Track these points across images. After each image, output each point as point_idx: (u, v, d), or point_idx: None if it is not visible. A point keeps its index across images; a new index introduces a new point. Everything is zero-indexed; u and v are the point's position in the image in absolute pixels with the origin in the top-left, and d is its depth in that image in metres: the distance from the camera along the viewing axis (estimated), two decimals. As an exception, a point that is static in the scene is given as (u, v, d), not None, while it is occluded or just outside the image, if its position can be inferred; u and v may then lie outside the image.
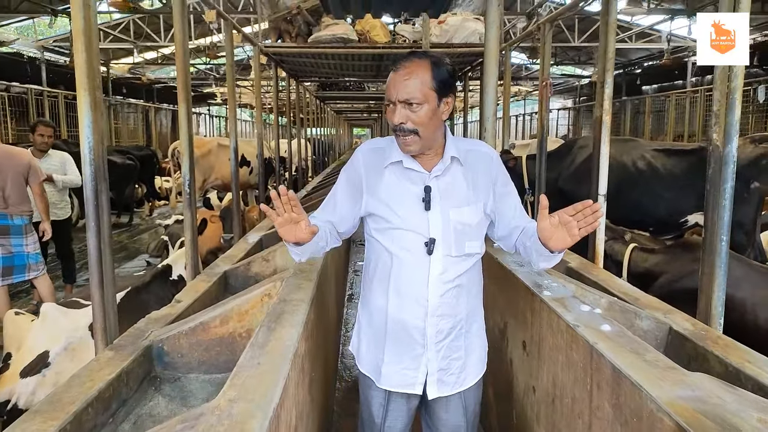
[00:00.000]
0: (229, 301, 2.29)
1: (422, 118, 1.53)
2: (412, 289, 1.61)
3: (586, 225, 1.43)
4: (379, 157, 1.66)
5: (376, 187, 1.64)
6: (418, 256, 1.59)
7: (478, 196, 1.65)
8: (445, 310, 1.62)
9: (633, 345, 1.50)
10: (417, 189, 1.61)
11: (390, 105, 1.56)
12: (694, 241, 4.02)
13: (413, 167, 1.62)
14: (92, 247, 2.20)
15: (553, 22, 4.45)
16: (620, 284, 2.67)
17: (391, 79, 1.55)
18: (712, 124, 2.34)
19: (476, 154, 1.69)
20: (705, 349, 1.91)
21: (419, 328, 1.62)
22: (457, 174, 1.64)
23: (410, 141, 1.55)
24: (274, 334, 1.58)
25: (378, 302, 1.68)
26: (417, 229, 1.59)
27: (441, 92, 1.55)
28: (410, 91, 1.51)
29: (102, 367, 1.87)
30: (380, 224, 1.64)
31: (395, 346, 1.66)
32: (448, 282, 1.61)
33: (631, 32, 14.84)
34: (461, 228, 1.61)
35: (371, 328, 1.72)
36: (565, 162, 5.19)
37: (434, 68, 1.54)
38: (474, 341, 1.74)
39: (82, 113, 2.12)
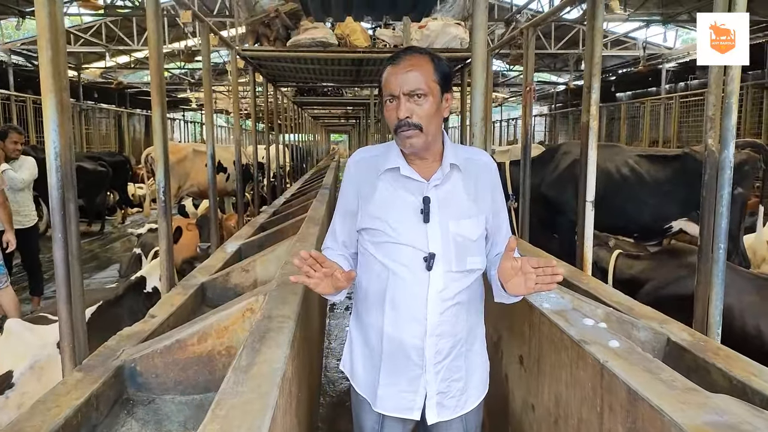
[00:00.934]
0: (207, 317, 2.15)
1: (427, 111, 1.44)
2: (409, 307, 1.50)
3: (542, 283, 1.39)
4: (372, 165, 1.56)
5: (370, 198, 1.53)
6: (416, 272, 1.48)
7: (479, 208, 1.55)
8: (445, 328, 1.51)
9: (646, 363, 1.41)
10: (414, 199, 1.50)
11: (391, 101, 1.46)
12: (680, 247, 4.00)
13: (411, 175, 1.51)
14: (59, 260, 2.03)
15: (536, 27, 4.40)
16: (612, 293, 2.61)
17: (391, 73, 1.45)
18: (707, 129, 2.29)
19: (476, 164, 1.59)
20: (706, 361, 1.85)
21: (417, 348, 1.51)
22: (457, 183, 1.54)
23: (414, 135, 1.44)
24: (260, 356, 1.45)
25: (373, 320, 1.56)
26: (415, 243, 1.48)
27: (443, 86, 1.48)
28: (416, 83, 1.43)
29: (69, 390, 1.73)
30: (376, 237, 1.52)
31: (392, 367, 1.54)
32: (448, 299, 1.50)
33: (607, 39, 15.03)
34: (462, 241, 1.51)
35: (367, 348, 1.60)
36: (548, 168, 5.16)
37: (435, 61, 1.48)
38: (475, 361, 1.63)
39: (48, 116, 1.96)
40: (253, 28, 6.03)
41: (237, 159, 5.41)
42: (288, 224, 4.72)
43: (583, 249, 3.43)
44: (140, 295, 3.40)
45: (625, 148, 5.46)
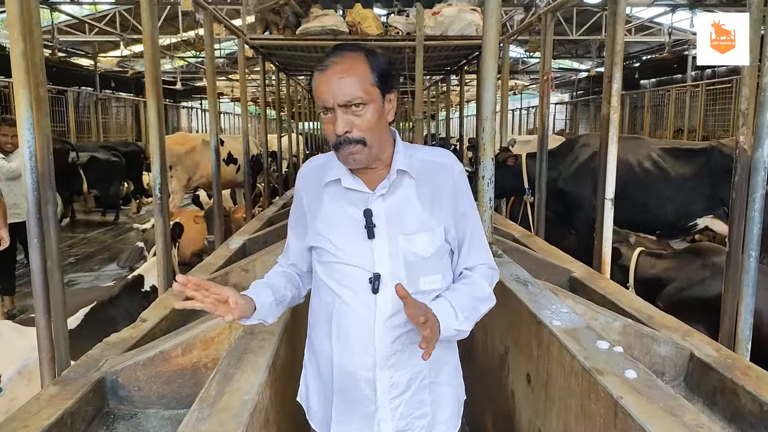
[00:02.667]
0: (193, 327, 2.03)
1: (369, 121, 1.25)
2: (356, 336, 1.32)
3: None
4: (317, 177, 1.40)
5: (317, 213, 1.37)
6: (361, 296, 1.31)
7: (437, 219, 1.34)
8: (399, 359, 1.32)
9: (667, 401, 1.24)
10: (358, 213, 1.32)
11: (326, 113, 1.27)
12: (706, 246, 3.78)
13: (354, 186, 1.33)
14: (36, 267, 1.92)
15: (555, 12, 4.18)
16: (631, 299, 2.44)
17: (322, 80, 1.25)
18: (740, 125, 2.09)
19: (434, 167, 1.38)
20: (734, 381, 1.69)
21: (368, 381, 1.32)
22: (408, 191, 1.34)
23: (356, 152, 1.26)
24: (231, 384, 1.31)
25: (322, 348, 1.40)
26: (359, 263, 1.30)
27: (383, 88, 1.28)
28: (351, 91, 1.23)
29: (42, 407, 1.62)
30: (321, 257, 1.37)
31: (344, 402, 1.36)
32: (399, 326, 1.31)
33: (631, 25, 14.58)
34: (414, 260, 1.31)
35: (320, 378, 1.43)
36: (566, 161, 4.95)
37: (371, 59, 1.27)
38: (443, 392, 1.41)
39: (21, 114, 1.83)
40: (262, 15, 5.87)
41: (245, 150, 5.29)
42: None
43: (601, 249, 3.25)
44: (137, 295, 3.31)
45: (648, 140, 5.22)
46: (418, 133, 5.57)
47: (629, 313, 2.21)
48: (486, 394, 2.44)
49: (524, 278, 2.22)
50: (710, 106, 12.46)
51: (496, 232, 3.58)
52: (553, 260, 3.01)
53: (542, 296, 1.99)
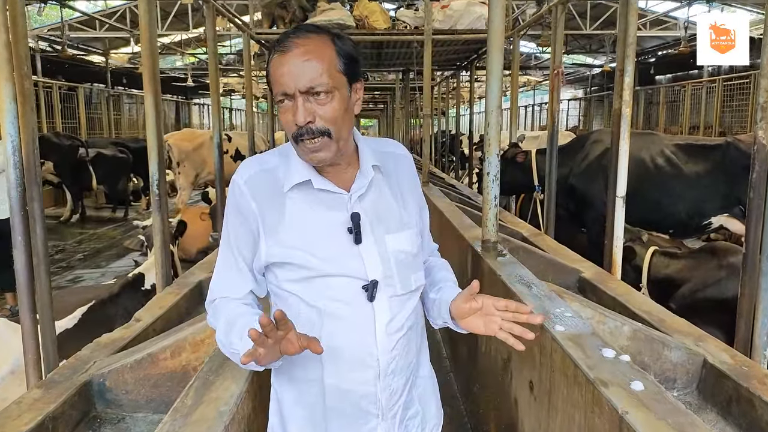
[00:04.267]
0: (182, 329, 1.96)
1: (335, 111, 1.12)
2: (355, 350, 1.20)
3: (510, 330, 1.15)
4: (272, 180, 1.21)
5: (278, 224, 1.19)
6: (356, 307, 1.19)
7: (410, 213, 1.27)
8: (398, 364, 1.24)
9: (676, 417, 1.14)
10: (338, 217, 1.19)
11: (284, 100, 1.12)
12: (722, 246, 3.66)
13: (328, 188, 1.19)
14: (20, 266, 1.87)
15: (565, 4, 4.07)
16: (642, 301, 2.34)
17: (280, 63, 1.11)
18: (758, 119, 1.98)
19: (395, 159, 1.30)
20: (750, 391, 1.60)
21: (370, 395, 1.22)
22: (382, 188, 1.25)
23: (321, 146, 1.13)
24: (209, 393, 1.24)
25: (309, 374, 1.24)
26: (349, 272, 1.18)
27: (350, 75, 1.16)
28: (314, 76, 1.09)
29: (22, 412, 1.56)
30: (294, 273, 1.19)
31: (341, 426, 1.24)
32: (399, 330, 1.22)
33: (646, 19, 14.34)
34: (404, 259, 1.23)
35: (304, 408, 1.27)
36: (577, 157, 4.84)
37: (338, 43, 1.14)
38: (427, 387, 1.36)
39: (4, 108, 1.77)
40: (269, 10, 5.83)
41: (250, 146, 5.25)
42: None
43: (611, 249, 3.15)
44: (137, 293, 3.26)
45: (662, 135, 5.10)
46: (426, 130, 5.48)
47: (640, 316, 2.12)
48: (489, 401, 2.36)
49: (528, 280, 2.13)
50: (727, 102, 12.22)
51: (504, 230, 3.49)
52: (562, 260, 2.91)
53: (546, 299, 1.90)
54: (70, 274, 6.56)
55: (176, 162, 7.68)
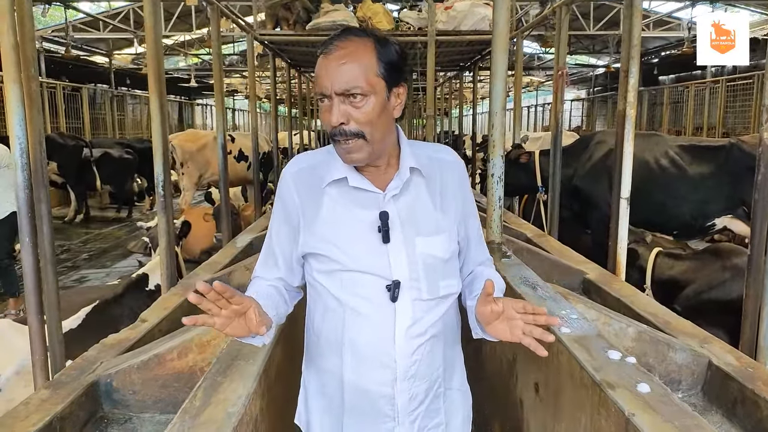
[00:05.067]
0: (189, 330, 1.95)
1: (369, 114, 1.14)
2: (374, 349, 1.22)
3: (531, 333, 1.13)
4: (314, 176, 1.26)
5: (315, 217, 1.24)
6: (378, 305, 1.20)
7: (449, 220, 1.27)
8: (419, 369, 1.23)
9: (683, 419, 1.14)
10: (370, 215, 1.21)
11: (324, 100, 1.16)
12: (726, 247, 3.66)
13: (363, 186, 1.22)
14: (28, 266, 1.88)
15: (570, 5, 4.06)
16: (646, 303, 2.34)
17: (322, 65, 1.14)
18: (763, 121, 1.97)
19: (441, 164, 1.30)
20: (755, 393, 1.60)
21: (387, 397, 1.23)
22: (420, 191, 1.25)
23: (355, 147, 1.15)
24: (217, 394, 1.24)
25: (329, 366, 1.28)
26: (374, 270, 1.20)
27: (390, 80, 1.17)
28: (350, 79, 1.12)
29: (30, 413, 1.56)
30: (325, 265, 1.24)
31: (357, 422, 1.27)
32: (420, 335, 1.22)
33: (649, 20, 14.32)
34: (432, 262, 1.23)
35: (324, 398, 1.32)
36: (581, 158, 4.84)
37: (379, 47, 1.15)
38: (456, 399, 1.35)
39: (12, 109, 1.78)
40: (272, 11, 5.82)
41: (254, 147, 5.25)
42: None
43: (616, 250, 3.15)
44: (142, 294, 3.27)
45: (666, 137, 5.08)
46: (429, 130, 5.49)
47: (644, 317, 2.12)
48: (494, 402, 2.35)
49: (533, 281, 2.13)
50: (730, 102, 12.21)
51: (508, 231, 3.49)
52: (566, 261, 2.91)
53: (552, 301, 1.90)
54: (76, 274, 6.58)
55: (180, 163, 7.68)
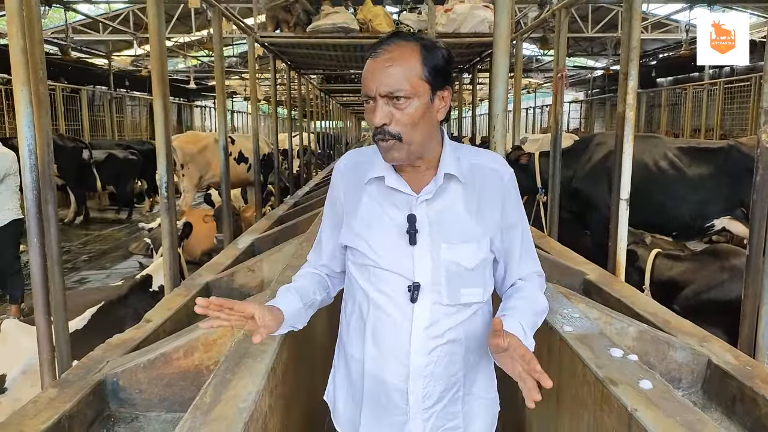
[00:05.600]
0: (195, 329, 1.98)
1: (411, 117, 1.17)
2: (391, 343, 1.26)
3: (524, 381, 1.11)
4: (358, 173, 1.31)
5: (354, 211, 1.29)
6: (399, 303, 1.24)
7: (483, 228, 1.26)
8: (434, 369, 1.26)
9: (684, 414, 1.17)
10: (401, 216, 1.24)
11: (369, 101, 1.19)
12: (724, 248, 3.69)
13: (398, 187, 1.24)
14: (36, 267, 1.90)
15: (569, 8, 4.10)
16: (646, 303, 2.36)
17: (369, 67, 1.18)
18: (761, 122, 2.00)
19: (484, 172, 1.29)
20: (753, 390, 1.62)
21: (401, 391, 1.27)
22: (455, 198, 1.26)
23: (392, 147, 1.18)
24: (227, 391, 1.26)
25: (354, 351, 1.34)
26: (398, 270, 1.24)
27: (435, 83, 1.19)
28: (394, 82, 1.15)
29: (39, 411, 1.58)
30: (357, 258, 1.29)
31: (373, 408, 1.31)
32: (437, 337, 1.25)
33: (647, 22, 14.38)
34: (456, 270, 1.24)
35: (348, 380, 1.38)
36: (581, 160, 4.87)
37: (425, 52, 1.18)
38: (476, 405, 1.36)
39: (21, 111, 1.81)
40: (273, 13, 5.85)
41: (254, 149, 5.27)
42: (304, 218, 4.55)
43: (616, 251, 3.17)
44: (145, 294, 3.29)
45: (664, 139, 5.12)
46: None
47: (645, 317, 2.14)
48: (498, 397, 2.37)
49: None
50: (728, 104, 12.26)
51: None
52: (566, 262, 2.93)
53: (553, 300, 1.92)
54: (77, 275, 6.59)
55: (180, 164, 7.71)
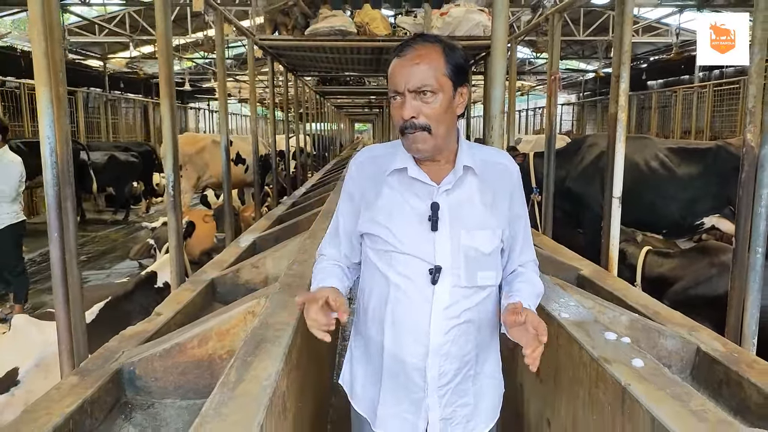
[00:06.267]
0: (208, 320, 2.07)
1: (437, 110, 1.29)
2: (411, 324, 1.35)
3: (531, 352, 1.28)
4: (377, 166, 1.41)
5: (374, 201, 1.39)
6: (420, 286, 1.34)
7: (497, 219, 1.39)
8: (450, 348, 1.36)
9: (673, 388, 1.27)
10: (422, 205, 1.35)
11: (396, 97, 1.31)
12: (712, 245, 3.80)
13: (419, 177, 1.35)
14: (56, 260, 1.98)
15: (562, 13, 4.20)
16: (638, 296, 2.47)
17: (397, 66, 1.30)
18: (747, 123, 2.11)
19: (495, 167, 1.42)
20: (739, 374, 1.71)
21: (419, 369, 1.37)
22: (472, 188, 1.38)
23: (421, 138, 1.29)
24: (249, 371, 1.35)
25: (373, 334, 1.43)
26: (420, 254, 1.33)
27: (456, 80, 1.31)
28: (423, 78, 1.27)
29: (63, 396, 1.66)
30: (377, 245, 1.39)
31: (393, 387, 1.41)
32: (454, 317, 1.35)
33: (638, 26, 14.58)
34: (474, 255, 1.35)
35: (368, 364, 1.48)
36: (574, 160, 4.98)
37: (447, 52, 1.30)
38: (486, 384, 1.47)
39: (42, 111, 1.89)
40: (271, 16, 5.92)
41: (254, 150, 5.35)
42: (304, 217, 4.64)
43: (608, 247, 3.27)
44: (151, 291, 3.36)
45: (655, 140, 5.24)
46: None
47: (636, 309, 2.23)
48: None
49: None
50: (717, 107, 12.44)
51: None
52: (561, 258, 3.04)
53: (550, 290, 2.02)
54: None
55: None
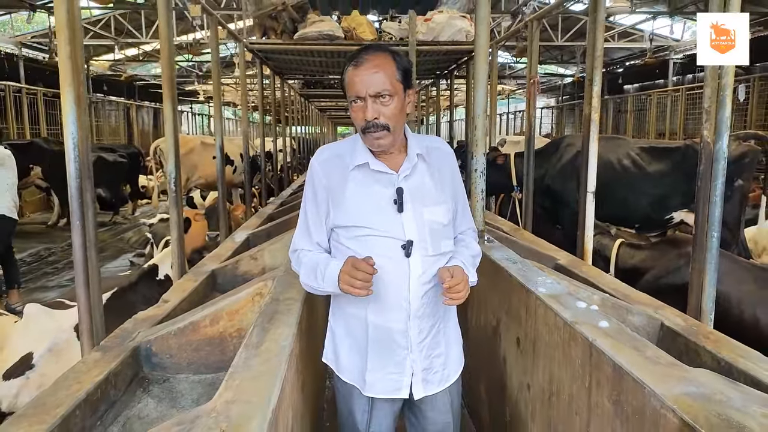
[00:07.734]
0: (219, 301, 2.25)
1: (393, 111, 1.50)
2: (393, 295, 1.57)
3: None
4: (339, 163, 1.61)
5: (342, 195, 1.58)
6: (396, 261, 1.56)
7: (446, 195, 1.65)
8: (425, 310, 1.60)
9: (633, 342, 1.49)
10: (387, 191, 1.57)
11: (357, 101, 1.51)
12: (681, 237, 4.06)
13: (381, 169, 1.57)
14: (77, 246, 2.14)
15: (540, 19, 4.45)
16: (610, 281, 2.68)
17: (354, 74, 1.49)
18: (703, 121, 2.35)
19: (437, 152, 1.68)
20: (696, 344, 1.92)
21: (402, 332, 1.60)
22: (424, 173, 1.62)
23: (383, 136, 1.51)
24: (269, 335, 1.55)
25: (355, 311, 1.64)
26: (392, 233, 1.55)
27: (405, 83, 1.53)
28: (381, 84, 1.47)
29: (89, 368, 1.83)
30: (354, 233, 1.58)
31: (379, 353, 1.63)
32: (427, 283, 1.59)
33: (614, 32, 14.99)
34: (436, 227, 1.60)
35: (350, 338, 1.68)
36: (552, 160, 5.22)
37: (397, 59, 1.52)
38: (452, 336, 1.73)
39: (66, 109, 2.06)
40: (260, 21, 6.09)
41: (245, 151, 5.50)
42: (294, 215, 4.81)
43: (583, 239, 3.50)
44: (153, 282, 3.51)
45: (628, 140, 5.50)
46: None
47: (607, 291, 2.45)
48: (479, 365, 2.68)
49: (514, 258, 2.47)
50: (690, 109, 12.86)
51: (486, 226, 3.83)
52: (540, 249, 3.26)
53: (530, 271, 2.24)
54: (68, 273, 6.71)
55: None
